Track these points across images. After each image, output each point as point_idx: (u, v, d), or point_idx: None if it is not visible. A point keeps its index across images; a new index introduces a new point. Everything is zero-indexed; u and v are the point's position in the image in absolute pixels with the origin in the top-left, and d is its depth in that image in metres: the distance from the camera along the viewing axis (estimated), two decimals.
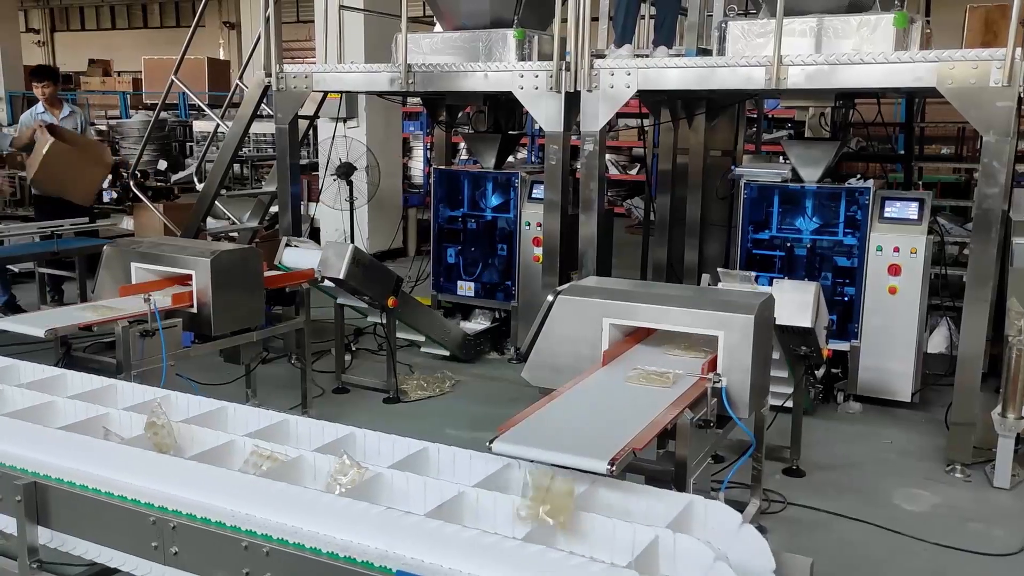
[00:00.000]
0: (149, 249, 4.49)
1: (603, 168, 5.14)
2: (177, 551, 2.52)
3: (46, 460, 2.84)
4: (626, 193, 13.77)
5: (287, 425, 2.96)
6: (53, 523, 2.76)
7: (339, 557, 2.26)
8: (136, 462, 2.71)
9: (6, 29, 20.47)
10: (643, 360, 3.29)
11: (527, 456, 2.54)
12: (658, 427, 2.67)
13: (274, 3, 6.06)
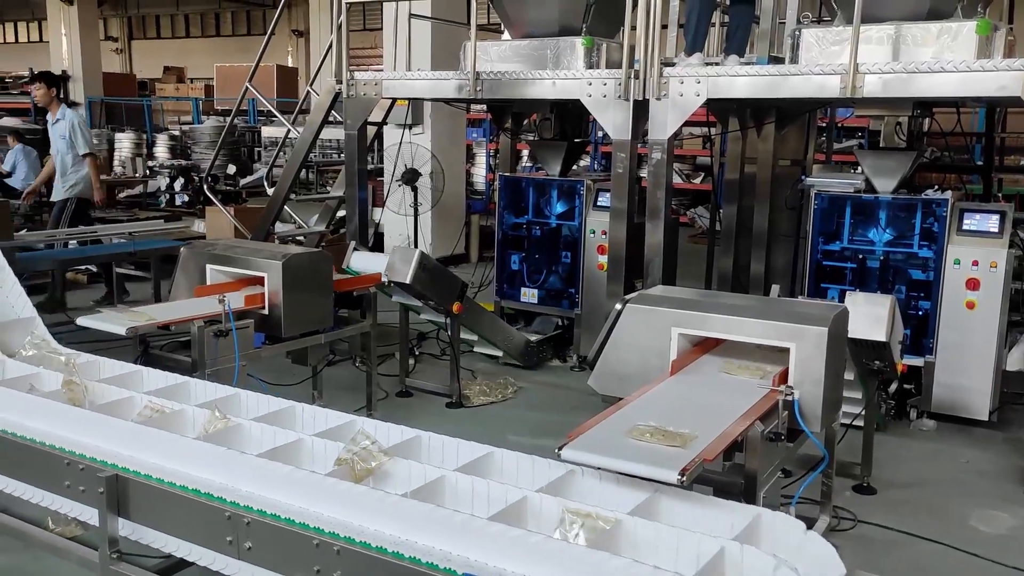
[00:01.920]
0: (223, 251, 4.60)
1: (670, 177, 5.10)
2: (251, 546, 2.58)
3: (127, 453, 2.93)
4: (689, 202, 13.64)
5: (354, 426, 3.00)
6: (133, 515, 2.84)
7: (405, 558, 2.28)
8: (213, 458, 2.78)
9: (87, 38, 21.24)
10: (712, 370, 3.26)
11: (596, 464, 2.54)
12: (729, 438, 2.64)
13: (346, 11, 6.16)
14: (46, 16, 22.28)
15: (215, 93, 21.50)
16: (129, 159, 17.66)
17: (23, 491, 3.20)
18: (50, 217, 8.73)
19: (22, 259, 6.58)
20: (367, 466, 2.67)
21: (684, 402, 2.93)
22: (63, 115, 8.04)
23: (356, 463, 2.68)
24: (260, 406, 3.25)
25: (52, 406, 3.20)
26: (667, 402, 2.94)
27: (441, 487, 2.62)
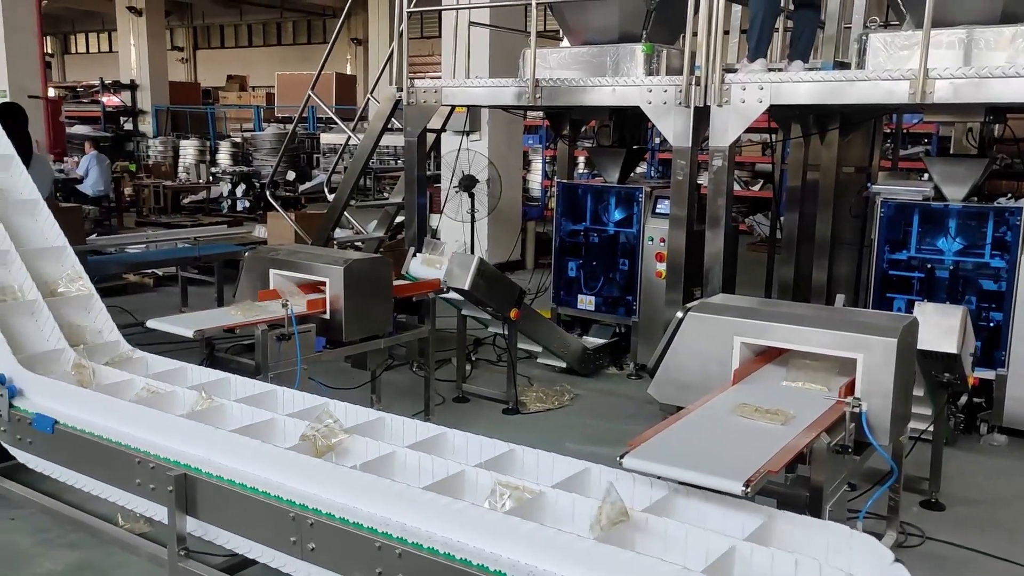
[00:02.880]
0: (286, 257, 4.67)
1: (731, 184, 5.04)
2: (314, 547, 2.62)
3: (197, 454, 3.00)
4: (748, 209, 13.46)
5: (445, 438, 3.02)
6: (200, 513, 2.91)
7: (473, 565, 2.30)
8: (279, 460, 2.83)
9: (155, 48, 21.86)
10: (775, 380, 3.21)
11: (658, 473, 2.52)
12: (794, 450, 2.59)
13: (407, 20, 6.24)
14: (116, 27, 23.01)
15: (276, 101, 21.92)
16: (193, 165, 18.10)
17: (96, 488, 3.31)
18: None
19: (92, 263, 6.78)
20: (327, 442, 2.93)
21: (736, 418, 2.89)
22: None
23: (318, 439, 2.93)
24: (348, 415, 3.27)
25: (125, 406, 3.29)
26: (730, 411, 2.90)
27: (391, 462, 2.79)
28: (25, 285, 4.02)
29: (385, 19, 19.79)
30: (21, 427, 3.49)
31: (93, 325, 4.11)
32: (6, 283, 4.04)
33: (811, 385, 3.09)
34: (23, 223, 4.26)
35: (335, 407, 3.28)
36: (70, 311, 4.10)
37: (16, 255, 4.08)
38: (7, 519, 3.79)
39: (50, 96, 14.69)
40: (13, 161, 4.36)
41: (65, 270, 4.23)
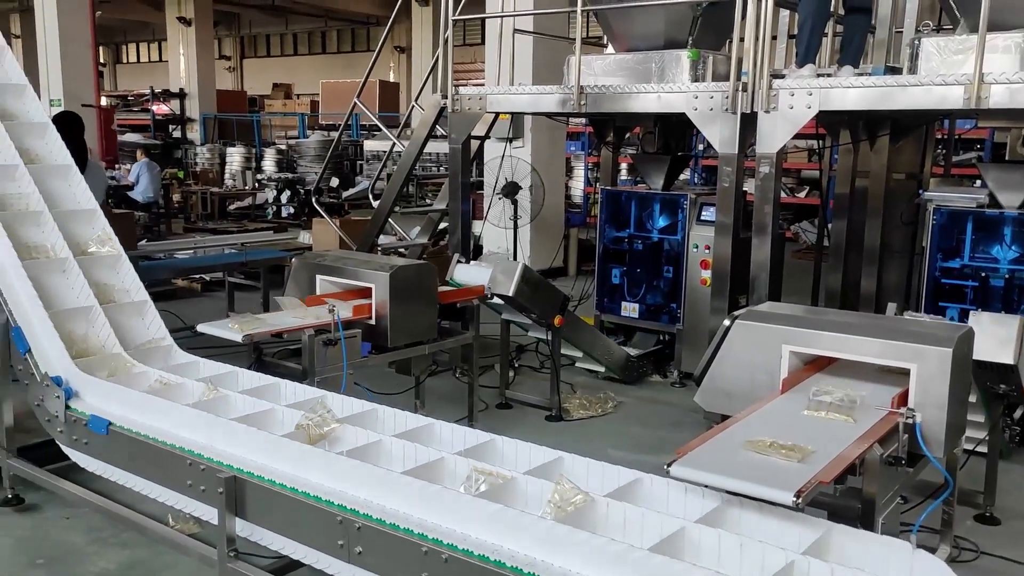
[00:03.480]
0: (332, 263, 4.73)
1: (778, 191, 4.98)
2: (361, 551, 2.63)
3: (247, 457, 3.04)
4: (794, 216, 13.30)
5: (494, 445, 3.02)
6: (249, 515, 2.94)
7: (521, 572, 2.29)
8: (327, 464, 2.85)
9: (203, 57, 22.28)
10: (824, 390, 3.16)
11: (706, 481, 2.49)
12: (846, 461, 2.55)
13: (451, 27, 6.28)
14: (166, 37, 23.51)
15: (320, 108, 22.21)
16: (239, 172, 18.41)
17: (147, 488, 3.36)
18: None
19: (143, 268, 6.91)
20: (320, 431, 3.10)
21: (796, 421, 2.85)
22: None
23: (311, 428, 3.10)
24: (398, 423, 3.30)
25: (177, 409, 3.35)
26: (778, 421, 2.86)
27: (440, 468, 2.81)
28: (57, 245, 4.18)
29: (428, 27, 19.96)
30: (77, 428, 3.57)
31: (121, 285, 4.26)
32: (40, 242, 4.19)
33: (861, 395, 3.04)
34: (80, 231, 4.36)
35: (382, 410, 3.32)
36: (99, 270, 4.26)
37: (49, 216, 4.23)
38: (63, 518, 3.88)
39: (102, 105, 15.06)
40: (71, 171, 4.48)
41: (96, 232, 4.39)
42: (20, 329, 3.85)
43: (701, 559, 2.30)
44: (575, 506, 2.51)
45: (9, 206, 4.22)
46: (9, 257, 3.95)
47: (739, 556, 2.26)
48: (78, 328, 3.95)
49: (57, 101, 12.86)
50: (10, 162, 4.28)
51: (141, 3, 24.64)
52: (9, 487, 3.98)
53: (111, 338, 3.96)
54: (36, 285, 3.90)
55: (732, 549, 2.27)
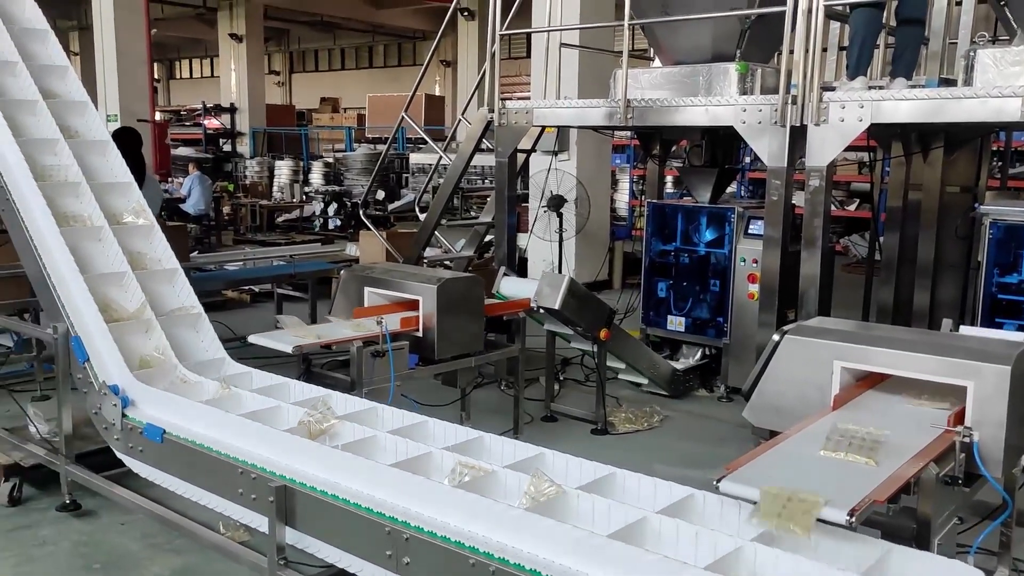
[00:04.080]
0: (380, 275, 4.78)
1: (828, 205, 4.92)
2: (409, 562, 2.65)
3: (296, 466, 3.08)
4: (843, 230, 13.10)
5: (544, 458, 3.00)
6: (299, 524, 2.98)
7: None
8: (375, 474, 2.88)
9: (254, 72, 22.73)
10: (877, 408, 3.11)
11: (757, 498, 2.46)
12: (901, 480, 2.50)
13: (499, 42, 6.33)
14: (218, 53, 24.03)
15: (367, 122, 22.47)
16: (287, 185, 18.71)
17: (199, 496, 3.43)
18: None
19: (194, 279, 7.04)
20: (319, 427, 3.28)
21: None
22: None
23: (311, 424, 3.28)
24: (446, 435, 3.34)
25: (229, 418, 3.40)
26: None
27: (493, 481, 2.83)
28: (94, 215, 4.35)
29: (474, 41, 20.13)
30: (133, 436, 3.65)
31: (153, 253, 4.44)
32: (78, 212, 4.36)
33: (915, 412, 2.98)
34: (116, 202, 4.51)
35: (432, 422, 3.34)
36: (133, 239, 4.43)
37: (87, 187, 4.41)
38: (118, 524, 3.97)
39: (157, 120, 15.42)
40: (131, 187, 4.61)
41: (130, 204, 4.57)
42: (80, 339, 3.96)
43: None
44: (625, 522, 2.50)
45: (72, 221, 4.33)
46: (69, 269, 4.06)
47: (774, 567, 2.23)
48: (136, 342, 4.04)
49: (114, 116, 13.21)
50: (74, 180, 4.41)
51: (195, 21, 25.24)
52: (67, 492, 4.08)
53: (168, 351, 4.05)
54: (73, 251, 4.10)
55: (791, 571, 2.23)
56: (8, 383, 5.53)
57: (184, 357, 4.07)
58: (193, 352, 4.16)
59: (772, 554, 2.28)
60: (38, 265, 4.18)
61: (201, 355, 4.17)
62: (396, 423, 3.42)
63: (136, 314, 4.08)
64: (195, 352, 4.17)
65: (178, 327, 4.21)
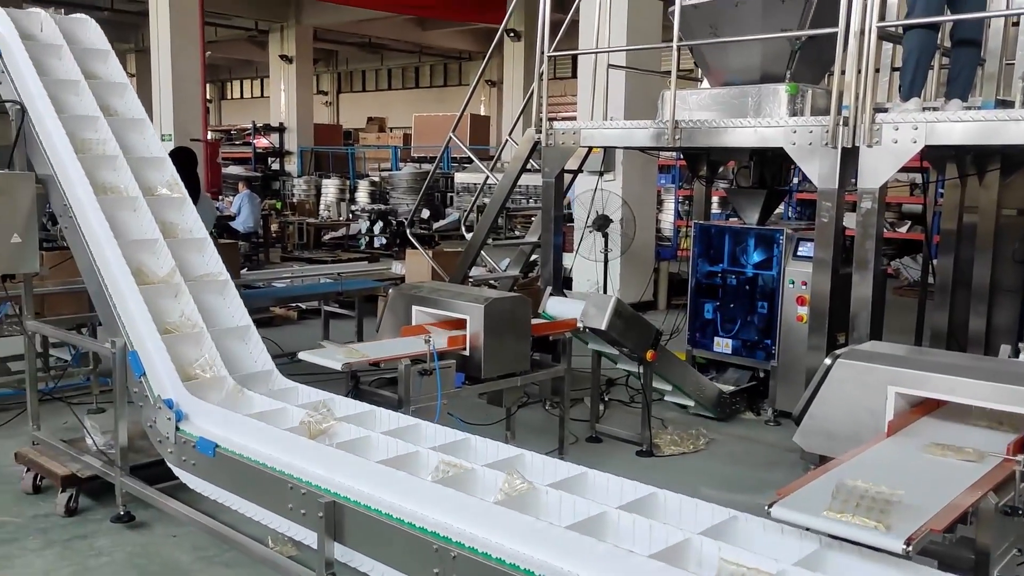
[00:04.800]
0: (428, 294, 4.82)
1: (881, 227, 4.85)
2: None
3: (347, 483, 3.12)
4: (894, 252, 12.88)
5: (586, 478, 3.00)
6: (347, 540, 3.01)
7: None
8: (424, 493, 2.90)
9: (303, 93, 23.17)
10: (934, 435, 3.05)
11: (808, 524, 2.43)
12: (959, 509, 2.45)
13: (547, 62, 6.37)
14: (268, 74, 24.54)
15: (412, 141, 22.71)
16: (334, 203, 18.96)
17: (249, 510, 3.48)
18: None
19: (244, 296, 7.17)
20: (319, 427, 3.51)
21: (904, 466, 2.76)
22: None
23: (311, 425, 3.51)
24: (488, 452, 3.36)
25: (279, 434, 3.46)
26: (885, 465, 2.78)
27: (536, 498, 2.85)
28: (129, 186, 4.57)
29: (519, 62, 20.26)
30: (186, 449, 3.72)
31: (184, 224, 4.65)
32: (114, 183, 4.58)
33: (974, 440, 2.92)
34: (151, 176, 4.67)
35: (475, 440, 3.35)
36: (165, 210, 4.63)
37: (124, 161, 4.62)
38: (170, 536, 4.04)
39: (209, 139, 15.78)
40: (185, 203, 4.73)
41: (165, 177, 4.79)
42: (136, 353, 4.05)
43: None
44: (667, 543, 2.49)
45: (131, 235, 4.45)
46: (128, 285, 4.17)
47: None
48: (189, 352, 4.13)
49: (168, 136, 13.56)
50: (133, 195, 4.56)
51: (247, 43, 25.82)
52: (121, 504, 4.16)
53: (218, 361, 4.13)
54: (109, 218, 4.30)
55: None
56: (66, 395, 5.67)
57: (234, 370, 4.15)
58: (177, 231, 4.45)
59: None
60: (98, 281, 4.29)
61: (250, 367, 4.25)
62: (440, 439, 3.44)
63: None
64: (178, 232, 4.46)
65: (164, 207, 4.54)
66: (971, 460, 2.73)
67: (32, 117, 4.57)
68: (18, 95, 4.60)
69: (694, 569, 2.42)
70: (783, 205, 12.79)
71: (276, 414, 3.81)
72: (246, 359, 4.30)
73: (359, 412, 3.82)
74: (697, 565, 2.46)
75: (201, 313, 4.24)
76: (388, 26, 23.45)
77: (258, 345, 4.37)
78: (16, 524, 4.20)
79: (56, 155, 4.49)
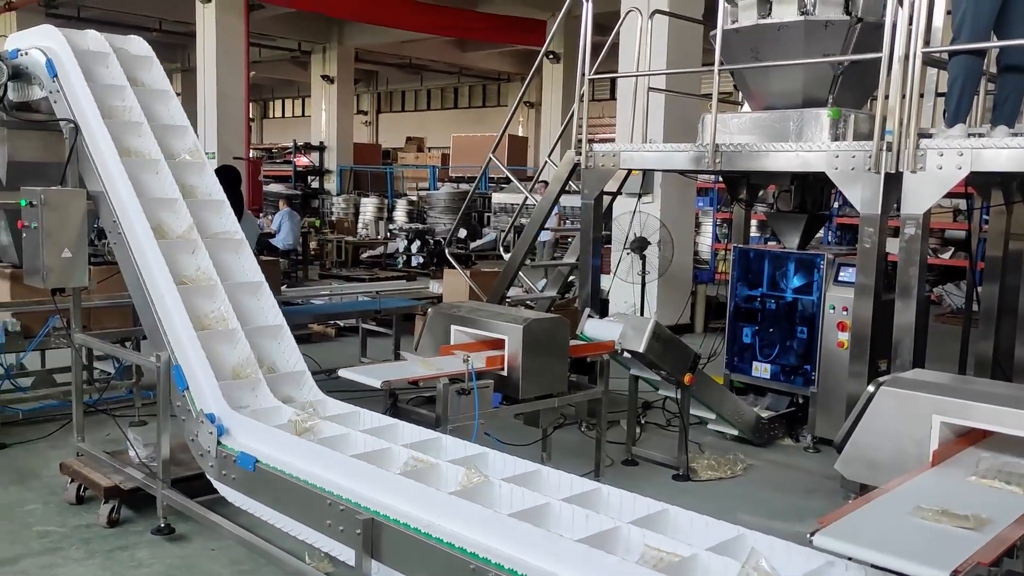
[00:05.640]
0: (467, 314, 4.84)
1: (925, 253, 4.79)
2: None
3: (383, 500, 3.14)
4: (937, 278, 12.68)
5: (667, 515, 2.93)
6: (384, 558, 3.03)
7: None
8: (462, 512, 2.90)
9: (343, 113, 23.48)
10: (979, 465, 3.00)
11: (851, 554, 2.40)
12: (1007, 542, 2.41)
13: (587, 85, 6.41)
14: (310, 94, 24.90)
15: (450, 161, 22.88)
16: (372, 222, 19.14)
17: (287, 525, 3.51)
18: None
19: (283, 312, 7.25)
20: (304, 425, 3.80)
21: (950, 496, 2.71)
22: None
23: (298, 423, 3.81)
24: (506, 467, 3.37)
25: (319, 450, 3.49)
26: (930, 495, 2.73)
27: (547, 512, 2.90)
28: (152, 151, 4.78)
29: (558, 84, 20.35)
30: (227, 463, 3.77)
31: (204, 187, 4.87)
32: (140, 148, 4.79)
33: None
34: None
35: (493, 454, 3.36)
36: (186, 174, 4.84)
37: (148, 128, 4.83)
38: (209, 549, 4.08)
39: (251, 157, 16.05)
40: (224, 206, 4.83)
41: (187, 145, 5.00)
42: (180, 368, 4.12)
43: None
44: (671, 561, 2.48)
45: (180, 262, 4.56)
46: (173, 301, 4.25)
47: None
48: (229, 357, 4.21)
49: (211, 154, 13.82)
50: (171, 195, 4.71)
51: (290, 63, 26.26)
52: (162, 516, 4.22)
53: (251, 359, 4.23)
54: (133, 181, 4.50)
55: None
56: (109, 408, 5.77)
57: (188, 196, 4.58)
58: (196, 193, 4.64)
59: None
60: (144, 295, 4.38)
61: (206, 202, 4.62)
62: (510, 471, 3.38)
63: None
64: (198, 193, 4.68)
65: (185, 172, 4.82)
66: (1019, 492, 2.67)
67: (85, 135, 4.69)
68: (72, 114, 4.72)
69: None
70: (823, 229, 12.68)
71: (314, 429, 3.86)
72: (199, 189, 4.66)
73: (383, 425, 3.91)
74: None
75: (180, 188, 4.63)
76: (428, 47, 23.71)
77: (290, 344, 4.46)
78: (60, 534, 4.28)
79: (107, 173, 4.60)
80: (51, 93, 4.82)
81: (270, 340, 4.48)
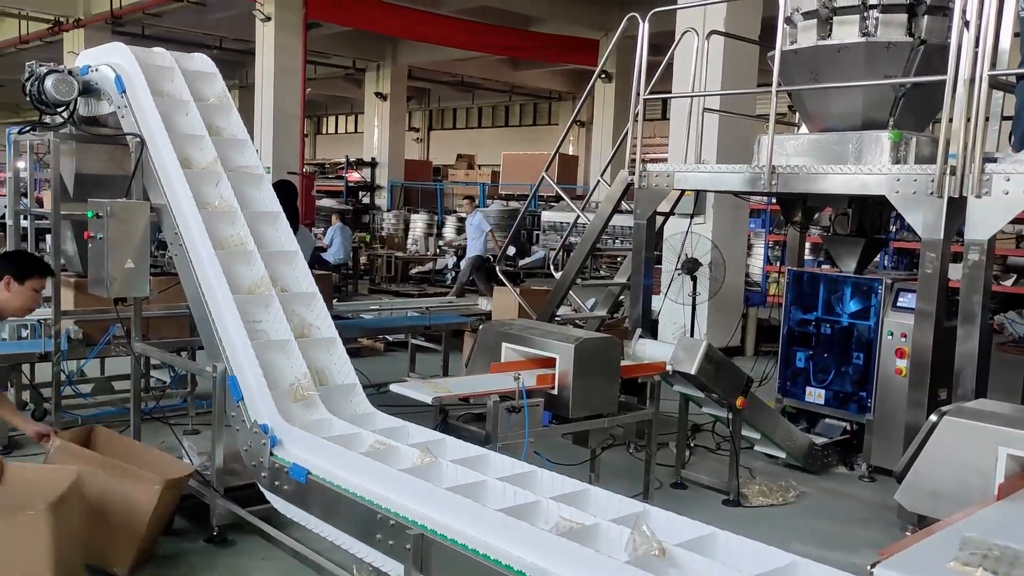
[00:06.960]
0: (518, 332, 4.84)
1: (989, 280, 4.67)
2: None
3: (432, 515, 3.14)
4: (999, 306, 12.34)
5: (716, 539, 2.90)
6: (433, 574, 3.02)
7: None
8: (511, 530, 2.89)
9: (395, 129, 23.76)
10: None
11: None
12: None
13: (642, 105, 6.40)
14: (363, 111, 25.25)
15: (500, 178, 22.97)
16: (421, 238, 19.28)
17: (337, 537, 3.53)
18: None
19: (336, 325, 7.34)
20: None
21: (1018, 530, 2.62)
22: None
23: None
24: (555, 485, 3.36)
25: (372, 465, 3.51)
26: (998, 528, 2.64)
27: (596, 533, 2.88)
28: (213, 163, 4.99)
29: (610, 103, 20.32)
30: (279, 474, 3.81)
31: (261, 199, 5.05)
32: (201, 160, 5.00)
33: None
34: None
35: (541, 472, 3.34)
36: (245, 186, 5.02)
37: (210, 141, 5.07)
38: (259, 559, 4.12)
39: (305, 172, 16.31)
40: (280, 219, 4.91)
41: (246, 158, 5.24)
42: (236, 379, 4.19)
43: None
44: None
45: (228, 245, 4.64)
46: (231, 313, 4.32)
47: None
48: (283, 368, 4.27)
49: (267, 168, 14.06)
50: (230, 207, 4.82)
51: (344, 80, 26.66)
52: (215, 524, 4.27)
53: (304, 371, 4.30)
54: (194, 193, 4.66)
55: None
56: (165, 415, 5.88)
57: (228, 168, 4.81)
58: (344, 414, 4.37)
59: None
60: (203, 307, 4.47)
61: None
62: (559, 490, 3.38)
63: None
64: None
65: (244, 184, 4.96)
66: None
67: (150, 149, 4.82)
68: (139, 128, 4.86)
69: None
70: (879, 253, 12.44)
71: (353, 438, 3.91)
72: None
73: (429, 440, 3.93)
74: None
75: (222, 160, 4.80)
76: (480, 66, 23.89)
77: (342, 357, 4.50)
78: None
79: (171, 187, 4.72)
80: (119, 108, 4.96)
81: (323, 352, 4.53)
